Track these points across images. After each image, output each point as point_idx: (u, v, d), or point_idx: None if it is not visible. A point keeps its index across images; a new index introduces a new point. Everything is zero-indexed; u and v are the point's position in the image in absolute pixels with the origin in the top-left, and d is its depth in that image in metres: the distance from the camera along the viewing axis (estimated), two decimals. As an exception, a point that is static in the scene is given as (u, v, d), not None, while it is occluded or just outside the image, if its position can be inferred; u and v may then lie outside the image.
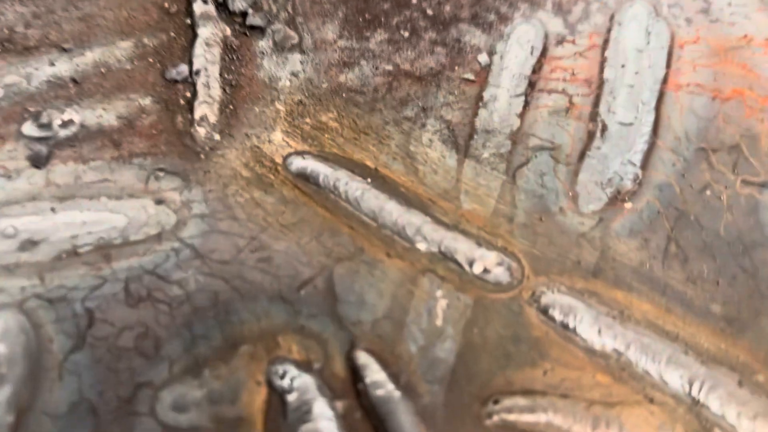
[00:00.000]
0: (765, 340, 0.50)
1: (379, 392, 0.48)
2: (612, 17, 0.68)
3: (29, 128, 0.59)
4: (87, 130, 0.60)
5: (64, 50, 0.65)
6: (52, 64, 0.64)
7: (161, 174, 0.57)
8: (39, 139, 0.59)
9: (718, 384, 0.48)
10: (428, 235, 0.55)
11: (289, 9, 0.70)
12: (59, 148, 0.58)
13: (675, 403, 0.48)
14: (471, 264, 0.54)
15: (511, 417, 0.48)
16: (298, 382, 0.48)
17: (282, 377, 0.48)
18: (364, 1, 0.71)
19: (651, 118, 0.61)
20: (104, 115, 0.61)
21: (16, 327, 0.49)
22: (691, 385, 0.48)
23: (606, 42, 0.66)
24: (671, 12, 0.68)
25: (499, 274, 0.53)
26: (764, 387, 0.48)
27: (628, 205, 0.57)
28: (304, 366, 0.49)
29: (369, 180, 0.58)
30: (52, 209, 0.55)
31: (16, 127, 0.59)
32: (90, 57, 0.64)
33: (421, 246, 0.55)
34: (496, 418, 0.48)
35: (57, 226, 0.54)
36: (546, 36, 0.67)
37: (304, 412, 0.47)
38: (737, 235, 0.54)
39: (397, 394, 0.48)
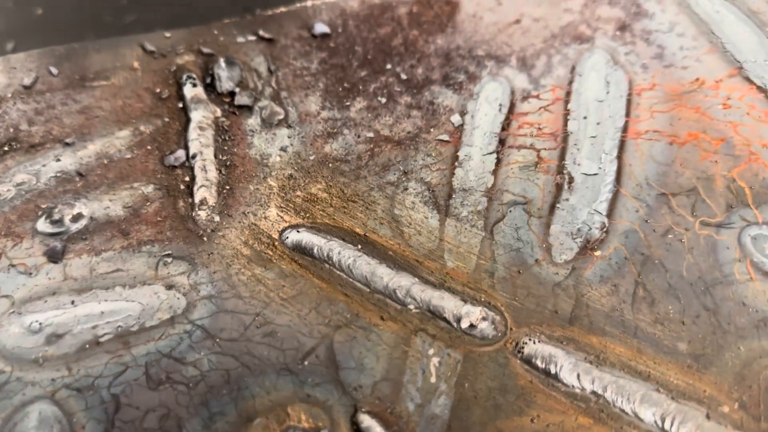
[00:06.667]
0: (728, 373, 0.55)
1: (383, 451, 0.53)
2: (573, 69, 0.73)
3: (43, 225, 0.64)
4: (96, 222, 0.65)
5: (67, 144, 0.70)
6: (57, 159, 0.69)
7: (169, 260, 0.62)
8: (53, 235, 0.64)
9: (687, 418, 0.53)
10: (417, 295, 0.60)
11: (273, 84, 0.75)
12: (72, 242, 0.64)
13: (650, 439, 0.53)
14: (458, 321, 0.59)
15: (504, 464, 0.53)
16: (309, 448, 0.53)
17: (294, 445, 0.53)
18: (342, 70, 0.76)
19: (614, 167, 0.66)
20: (111, 205, 0.66)
21: (51, 417, 0.55)
22: (663, 420, 0.54)
23: (568, 94, 0.71)
24: (628, 59, 0.73)
25: (485, 328, 0.59)
26: (729, 417, 0.53)
27: (597, 253, 0.62)
28: (314, 433, 0.54)
29: (359, 247, 0.63)
30: (72, 302, 0.60)
31: (30, 225, 0.64)
32: (92, 149, 0.70)
33: (412, 307, 0.60)
34: (489, 466, 0.53)
35: (78, 318, 0.59)
36: (512, 92, 0.72)
37: (317, 476, 0.52)
38: (698, 275, 0.60)
39: (399, 451, 0.53)
